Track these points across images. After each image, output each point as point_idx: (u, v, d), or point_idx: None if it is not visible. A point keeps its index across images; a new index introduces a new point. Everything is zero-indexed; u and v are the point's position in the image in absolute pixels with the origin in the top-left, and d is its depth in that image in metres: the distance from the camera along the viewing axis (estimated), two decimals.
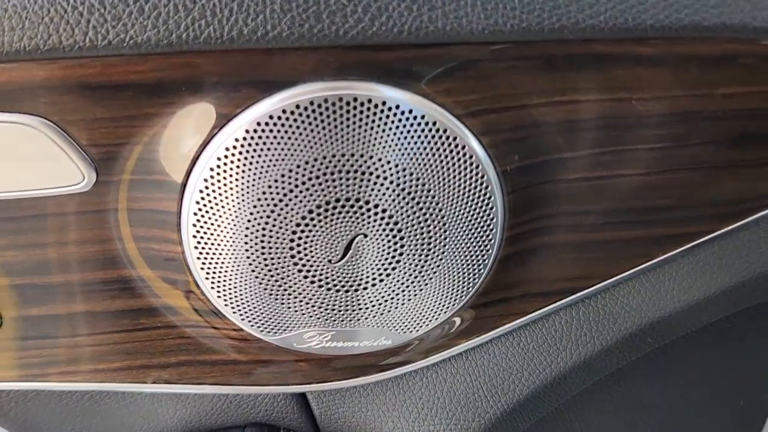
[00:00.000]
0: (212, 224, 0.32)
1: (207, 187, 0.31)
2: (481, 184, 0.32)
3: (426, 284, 0.35)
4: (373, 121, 0.30)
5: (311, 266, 0.33)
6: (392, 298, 0.35)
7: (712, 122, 0.34)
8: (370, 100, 0.29)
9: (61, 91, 0.29)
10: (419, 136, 0.30)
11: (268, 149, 0.30)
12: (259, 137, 0.29)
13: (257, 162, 0.30)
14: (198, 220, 0.32)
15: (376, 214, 0.32)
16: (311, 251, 0.32)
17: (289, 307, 0.34)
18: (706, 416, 0.55)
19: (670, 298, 0.39)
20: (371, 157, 0.30)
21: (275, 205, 0.31)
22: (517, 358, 0.40)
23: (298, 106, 0.29)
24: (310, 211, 0.31)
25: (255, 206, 0.31)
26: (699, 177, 0.35)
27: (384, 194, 0.31)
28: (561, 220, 0.36)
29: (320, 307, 0.35)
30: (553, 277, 0.38)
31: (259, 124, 0.29)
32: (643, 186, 0.35)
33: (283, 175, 0.30)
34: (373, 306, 0.35)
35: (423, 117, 0.30)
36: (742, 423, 0.56)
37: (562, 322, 0.40)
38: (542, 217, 0.35)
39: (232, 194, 0.31)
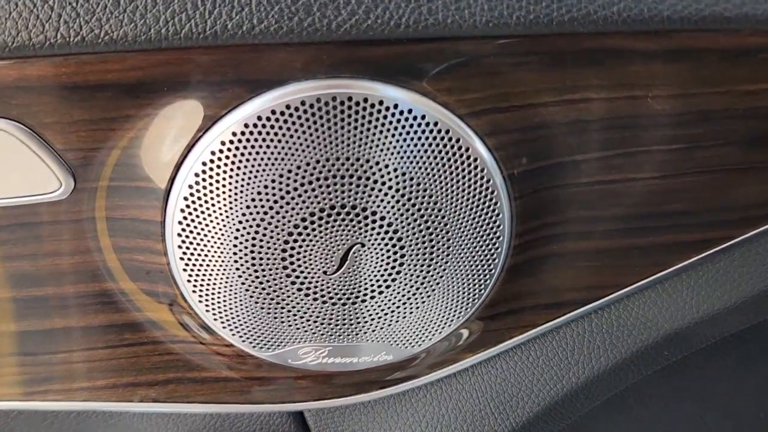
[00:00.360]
0: (199, 233, 0.30)
1: (192, 194, 0.29)
2: (487, 188, 0.31)
3: (428, 296, 0.33)
4: (370, 122, 0.28)
5: (305, 278, 0.31)
6: (392, 311, 0.33)
7: (732, 121, 0.33)
8: (366, 100, 0.28)
9: (34, 93, 0.28)
10: (420, 138, 0.29)
11: (257, 153, 0.28)
12: (247, 140, 0.28)
13: (246, 166, 0.28)
14: (183, 230, 0.30)
15: (374, 222, 0.30)
16: (305, 262, 0.31)
17: (282, 322, 0.33)
18: (726, 430, 0.53)
19: (688, 308, 0.38)
20: (368, 161, 0.29)
21: (266, 213, 0.29)
22: (527, 373, 0.38)
23: (288, 107, 0.28)
24: (304, 219, 0.29)
25: (244, 214, 0.29)
26: (718, 180, 0.34)
27: (382, 201, 0.30)
28: (572, 226, 0.34)
29: (315, 321, 0.33)
30: (563, 287, 0.36)
31: (247, 125, 0.28)
32: (659, 190, 0.34)
33: (273, 181, 0.28)
34: (372, 320, 0.33)
35: (423, 117, 0.29)
36: None
37: (573, 334, 0.38)
38: (552, 224, 0.34)
39: (219, 201, 0.29)
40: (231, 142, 0.28)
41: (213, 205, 0.29)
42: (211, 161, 0.28)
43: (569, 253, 0.35)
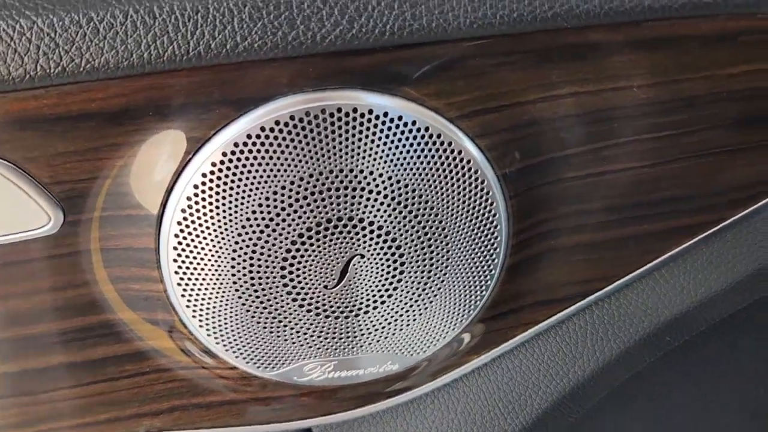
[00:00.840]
0: (195, 258, 0.29)
1: (186, 218, 0.29)
2: (482, 190, 0.30)
3: (430, 302, 0.33)
4: (361, 132, 0.28)
5: (306, 293, 0.31)
6: (395, 321, 0.33)
7: (716, 105, 0.33)
8: (355, 110, 0.27)
9: (16, 127, 0.27)
10: (411, 144, 0.28)
11: (249, 171, 0.28)
12: (238, 159, 0.27)
13: (238, 187, 0.28)
14: (179, 255, 0.29)
15: (372, 232, 0.30)
16: (305, 277, 0.30)
17: (285, 339, 0.32)
18: (730, 412, 0.53)
19: (687, 292, 0.38)
20: (362, 172, 0.28)
21: (262, 232, 0.29)
22: (533, 370, 0.38)
23: (277, 123, 0.27)
24: (301, 235, 0.29)
25: (240, 234, 0.29)
26: (707, 164, 0.34)
27: (379, 211, 0.29)
28: (566, 221, 0.34)
29: (319, 337, 0.32)
30: (563, 281, 0.36)
31: (236, 145, 0.27)
32: (649, 178, 0.34)
33: (268, 199, 0.28)
34: (376, 330, 0.33)
35: (414, 123, 0.28)
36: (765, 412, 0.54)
37: (576, 328, 0.38)
38: (548, 220, 0.34)
39: (213, 224, 0.28)
40: (222, 162, 0.27)
41: (207, 228, 0.29)
42: (203, 183, 0.28)
43: (565, 247, 0.35)
